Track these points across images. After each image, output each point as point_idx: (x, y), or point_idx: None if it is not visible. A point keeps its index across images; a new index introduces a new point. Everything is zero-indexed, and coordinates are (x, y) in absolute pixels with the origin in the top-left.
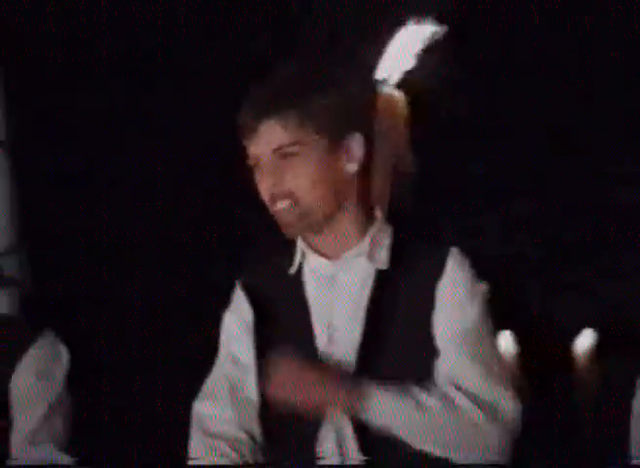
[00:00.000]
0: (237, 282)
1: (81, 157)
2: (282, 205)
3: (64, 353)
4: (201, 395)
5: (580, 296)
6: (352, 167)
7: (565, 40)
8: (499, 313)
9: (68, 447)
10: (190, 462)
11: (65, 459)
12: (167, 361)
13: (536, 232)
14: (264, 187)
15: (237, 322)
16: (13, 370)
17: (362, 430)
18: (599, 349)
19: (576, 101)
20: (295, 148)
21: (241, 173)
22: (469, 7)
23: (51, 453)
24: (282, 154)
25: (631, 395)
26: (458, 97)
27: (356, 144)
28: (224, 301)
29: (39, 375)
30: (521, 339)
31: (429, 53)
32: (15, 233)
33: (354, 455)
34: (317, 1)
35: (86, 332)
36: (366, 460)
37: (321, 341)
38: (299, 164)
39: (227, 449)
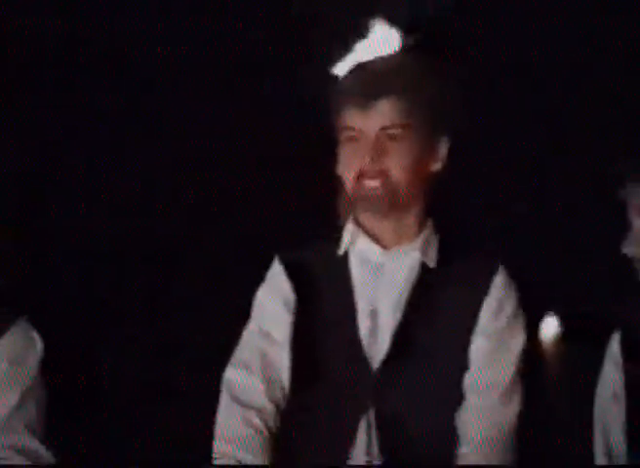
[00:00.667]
0: (276, 258)
1: (72, 152)
2: (372, 183)
3: (38, 341)
4: (233, 363)
5: (544, 285)
6: (436, 166)
7: (566, 38)
8: None
9: (43, 435)
10: (218, 427)
11: (39, 448)
12: (147, 350)
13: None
14: (358, 162)
15: (274, 298)
16: None
17: (385, 432)
18: (565, 337)
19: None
20: (402, 132)
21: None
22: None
23: (24, 441)
24: (388, 134)
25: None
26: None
27: (443, 146)
28: (217, 288)
29: (12, 362)
30: None
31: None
32: None
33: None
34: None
35: (62, 321)
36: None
37: (363, 325)
38: (401, 147)
39: (255, 419)
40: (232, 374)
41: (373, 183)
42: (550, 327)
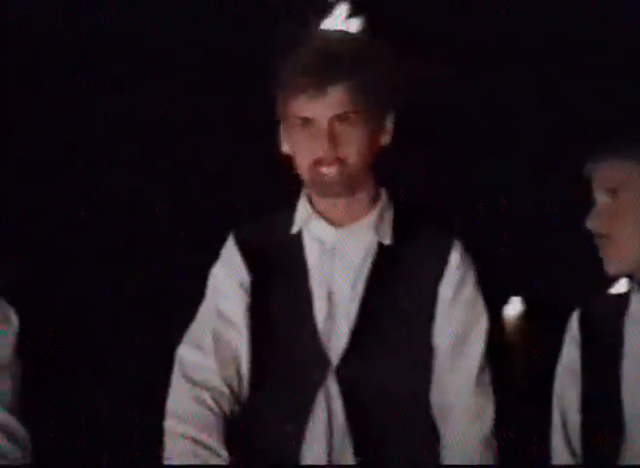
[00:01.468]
0: (231, 236)
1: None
2: (329, 170)
3: (14, 317)
4: (186, 341)
5: (507, 264)
6: (385, 140)
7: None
8: None
9: (18, 411)
10: (170, 405)
11: (14, 423)
12: (126, 326)
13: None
14: (312, 149)
15: (229, 278)
16: None
17: (349, 396)
18: (527, 316)
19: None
20: (355, 116)
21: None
22: None
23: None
24: (342, 120)
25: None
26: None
27: (390, 119)
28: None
29: None
30: None
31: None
32: None
33: (342, 423)
34: None
35: (38, 298)
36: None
37: (320, 308)
38: (355, 131)
39: (208, 399)
40: (185, 352)
41: (330, 170)
42: (514, 306)
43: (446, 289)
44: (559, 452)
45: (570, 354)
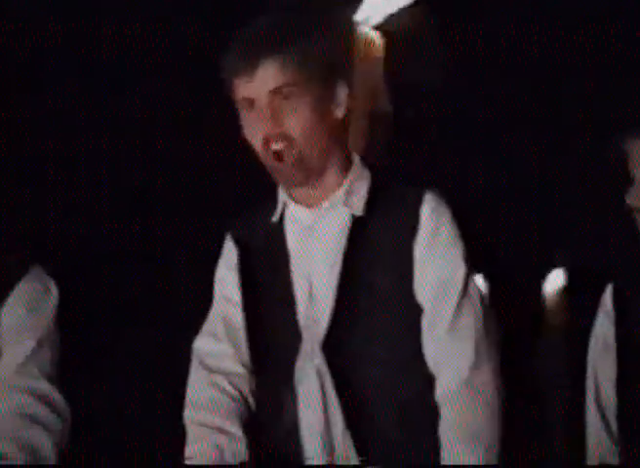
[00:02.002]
0: (228, 234)
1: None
2: (277, 146)
3: (54, 288)
4: (201, 333)
5: (547, 237)
6: (340, 112)
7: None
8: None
9: (58, 380)
10: (188, 395)
11: (54, 392)
12: (161, 306)
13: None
14: (259, 129)
15: (230, 270)
16: (2, 304)
17: (337, 368)
18: (568, 290)
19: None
20: (292, 89)
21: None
22: None
23: (40, 385)
24: (279, 95)
25: None
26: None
27: (342, 90)
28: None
29: (28, 309)
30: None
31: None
32: None
33: (333, 396)
34: None
35: (76, 268)
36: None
37: (300, 289)
38: (295, 106)
39: (227, 385)
40: (200, 343)
41: (277, 146)
42: (555, 280)
43: (420, 244)
44: (594, 426)
45: (603, 328)
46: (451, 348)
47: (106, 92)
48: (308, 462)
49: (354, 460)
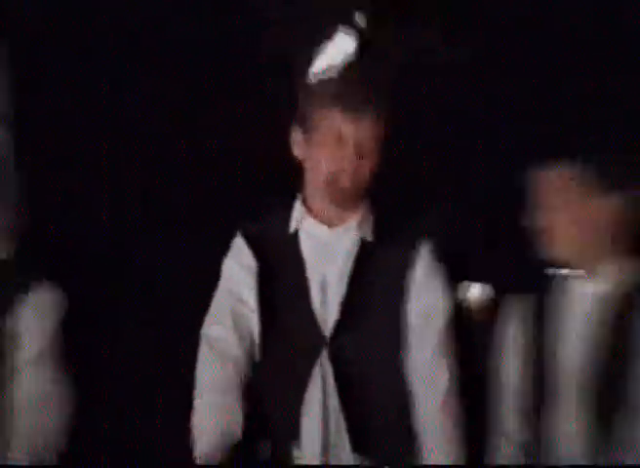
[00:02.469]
0: (238, 231)
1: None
2: (348, 182)
3: (60, 298)
4: (208, 321)
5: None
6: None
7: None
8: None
9: (60, 379)
10: (198, 377)
11: (56, 389)
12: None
13: None
14: (337, 160)
15: (239, 266)
16: (15, 313)
17: (342, 378)
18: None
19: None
20: (375, 139)
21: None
22: None
23: (49, 377)
24: (366, 140)
25: None
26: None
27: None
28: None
29: (37, 317)
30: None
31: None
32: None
33: (335, 402)
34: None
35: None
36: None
37: (315, 293)
38: (372, 151)
39: (231, 366)
40: (209, 330)
41: (348, 182)
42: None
43: (414, 278)
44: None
45: (512, 332)
46: (435, 370)
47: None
48: (304, 443)
49: (347, 446)
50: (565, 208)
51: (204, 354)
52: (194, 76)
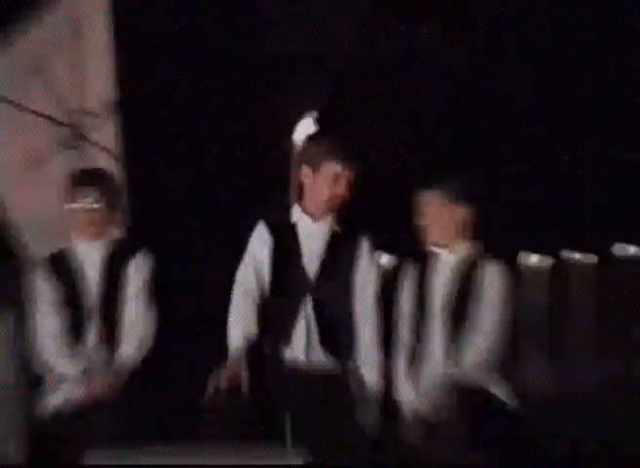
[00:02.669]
0: (260, 222)
1: None
2: (338, 204)
3: (151, 259)
4: (239, 272)
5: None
6: None
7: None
8: None
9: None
10: (233, 303)
11: (152, 309)
12: None
13: None
14: (334, 191)
15: (260, 241)
16: (125, 268)
17: (318, 306)
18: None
19: None
20: (353, 175)
21: None
22: None
23: (143, 306)
24: (350, 177)
25: None
26: None
27: None
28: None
29: (137, 269)
30: None
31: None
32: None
33: (313, 320)
34: None
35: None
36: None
37: (305, 259)
38: (352, 182)
39: (250, 299)
40: (239, 276)
41: (338, 204)
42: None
43: (360, 258)
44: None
45: (407, 284)
46: (372, 313)
47: None
48: (294, 344)
49: (321, 353)
50: (434, 213)
51: (236, 291)
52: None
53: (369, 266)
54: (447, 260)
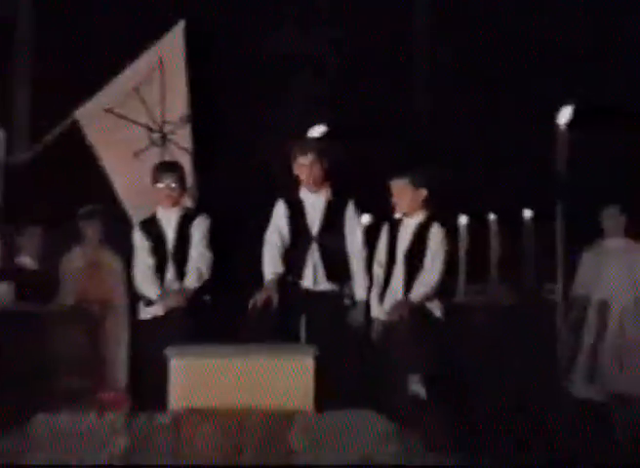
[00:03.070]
0: (279, 199)
1: None
2: (310, 180)
3: (209, 220)
4: (267, 233)
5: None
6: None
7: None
8: None
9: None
10: (266, 253)
11: (210, 253)
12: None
13: None
14: (307, 174)
15: (280, 212)
16: (191, 226)
17: (321, 251)
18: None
19: None
20: (318, 162)
21: None
22: None
23: (203, 250)
24: (314, 164)
25: None
26: None
27: (326, 162)
28: None
29: (197, 225)
30: None
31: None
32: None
33: (318, 259)
34: None
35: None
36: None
37: (310, 218)
38: (319, 168)
39: (277, 249)
40: (267, 235)
41: (314, 181)
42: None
43: (348, 214)
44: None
45: (382, 237)
46: (359, 250)
47: None
48: (306, 276)
49: (324, 281)
50: (402, 192)
51: (265, 245)
52: None
53: (354, 218)
54: (408, 224)
